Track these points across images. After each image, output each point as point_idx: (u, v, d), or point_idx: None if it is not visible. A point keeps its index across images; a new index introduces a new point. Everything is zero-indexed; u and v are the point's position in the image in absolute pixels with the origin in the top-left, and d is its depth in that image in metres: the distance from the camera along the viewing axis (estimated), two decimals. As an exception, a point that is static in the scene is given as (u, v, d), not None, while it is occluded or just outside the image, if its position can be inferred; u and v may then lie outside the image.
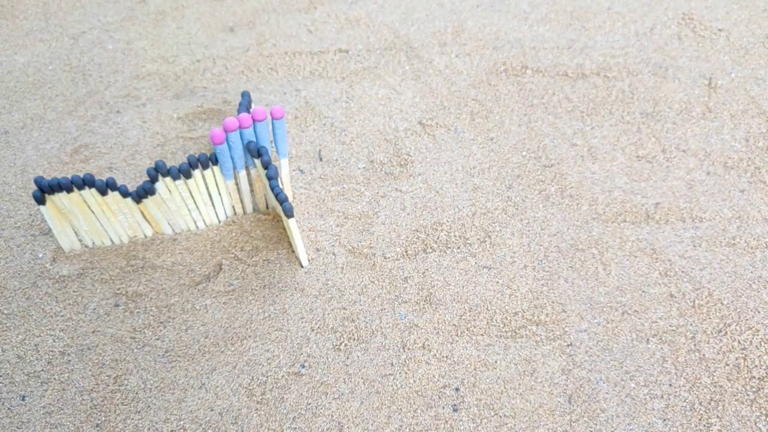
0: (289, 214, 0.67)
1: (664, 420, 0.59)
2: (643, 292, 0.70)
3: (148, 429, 0.60)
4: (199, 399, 0.62)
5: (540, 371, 0.63)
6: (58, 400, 0.63)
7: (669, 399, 0.60)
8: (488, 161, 0.87)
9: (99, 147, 0.92)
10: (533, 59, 1.05)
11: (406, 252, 0.76)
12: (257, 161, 0.73)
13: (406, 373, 0.63)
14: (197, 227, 0.79)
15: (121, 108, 1.00)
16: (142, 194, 0.72)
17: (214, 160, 0.72)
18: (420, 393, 0.62)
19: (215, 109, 0.97)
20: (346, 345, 0.66)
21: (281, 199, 0.67)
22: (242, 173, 0.75)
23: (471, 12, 1.18)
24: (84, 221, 0.74)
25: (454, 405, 0.61)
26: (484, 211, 0.80)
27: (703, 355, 0.64)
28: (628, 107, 0.95)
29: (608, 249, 0.74)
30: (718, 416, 0.59)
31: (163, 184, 0.72)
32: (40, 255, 0.77)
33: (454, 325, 0.68)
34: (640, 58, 1.04)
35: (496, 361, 0.64)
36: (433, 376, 0.63)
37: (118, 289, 0.73)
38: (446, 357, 0.65)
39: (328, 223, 0.79)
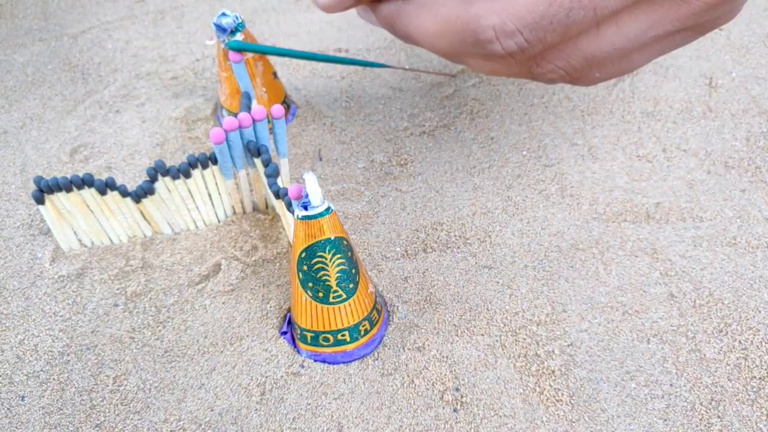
0: None
1: (665, 420, 0.59)
2: (644, 291, 0.70)
3: (148, 429, 0.60)
4: (198, 399, 0.62)
5: (540, 371, 0.63)
6: (57, 400, 0.63)
7: (669, 399, 0.60)
8: (488, 161, 0.87)
9: (98, 146, 0.92)
10: (533, 59, 1.04)
11: (406, 252, 0.76)
12: (257, 160, 0.73)
13: (406, 373, 0.63)
14: (196, 227, 0.79)
15: (121, 107, 1.00)
16: (141, 194, 0.72)
17: (214, 159, 0.72)
18: (420, 393, 0.62)
19: (215, 108, 0.97)
20: (345, 345, 0.66)
21: (282, 194, 0.66)
22: (242, 173, 0.75)
23: (471, 11, 1.18)
24: (83, 221, 0.74)
25: (454, 405, 0.61)
26: (484, 211, 0.80)
27: (704, 355, 0.64)
28: (629, 106, 0.94)
29: (609, 249, 0.74)
30: (718, 416, 0.59)
31: (162, 184, 0.72)
32: (39, 255, 0.77)
33: (454, 325, 0.67)
34: (641, 57, 1.03)
35: (496, 361, 0.64)
36: (433, 376, 0.63)
37: (117, 289, 0.73)
38: (446, 357, 0.64)
39: (327, 222, 0.79)
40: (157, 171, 0.70)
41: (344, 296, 0.61)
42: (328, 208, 0.57)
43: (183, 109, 0.98)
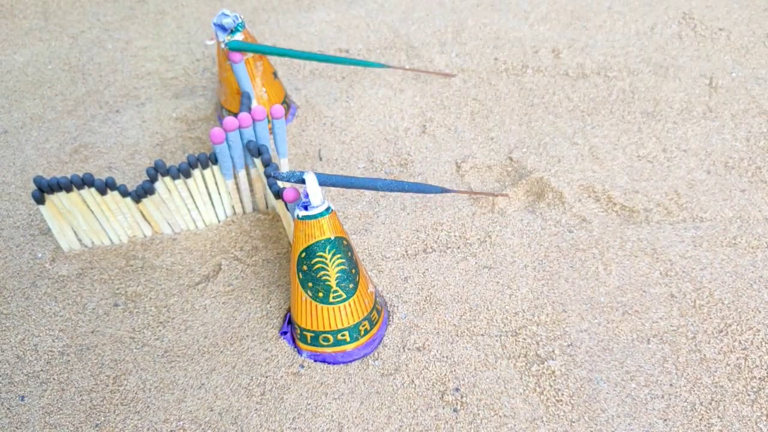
0: None
1: (665, 420, 0.59)
2: (644, 292, 0.70)
3: (148, 429, 0.60)
4: (198, 399, 0.62)
5: (540, 371, 0.63)
6: (57, 400, 0.63)
7: (670, 399, 0.60)
8: (488, 161, 0.87)
9: (98, 146, 0.92)
10: (533, 58, 1.04)
11: (406, 252, 0.76)
12: (257, 160, 0.73)
13: (406, 373, 0.63)
14: (197, 227, 0.79)
15: (121, 107, 1.00)
16: (141, 194, 0.72)
17: (214, 159, 0.72)
18: (420, 393, 0.62)
19: (215, 108, 0.97)
20: (345, 345, 0.66)
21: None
22: (242, 173, 0.75)
23: (471, 11, 1.18)
24: (83, 221, 0.74)
25: (454, 405, 0.61)
26: (485, 211, 0.80)
27: (704, 355, 0.64)
28: (629, 107, 0.94)
29: (609, 249, 0.74)
30: (719, 416, 0.59)
31: (162, 184, 0.72)
32: (40, 255, 0.77)
33: (454, 325, 0.67)
34: (641, 57, 1.03)
35: (496, 361, 0.64)
36: (433, 376, 0.63)
37: (118, 289, 0.73)
38: (446, 357, 0.64)
39: (327, 222, 0.79)
40: (157, 171, 0.70)
41: (344, 296, 0.61)
42: (328, 208, 0.57)
43: (183, 109, 0.98)
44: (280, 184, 0.71)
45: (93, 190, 0.70)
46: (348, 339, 0.63)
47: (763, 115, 0.91)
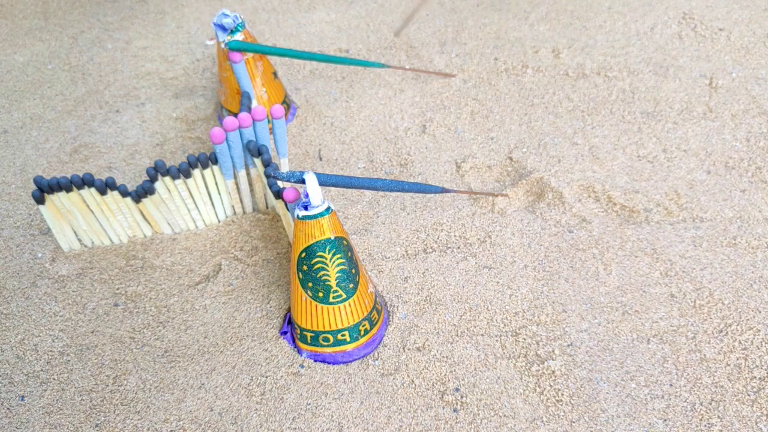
0: None
1: (665, 420, 0.59)
2: (644, 292, 0.70)
3: (148, 429, 0.60)
4: (198, 399, 0.62)
5: (540, 371, 0.63)
6: (57, 400, 0.63)
7: (670, 399, 0.60)
8: (488, 161, 0.87)
9: (98, 146, 0.92)
10: (533, 58, 1.04)
11: (406, 252, 0.76)
12: (257, 160, 0.73)
13: (406, 373, 0.63)
14: (197, 227, 0.79)
15: (121, 107, 1.00)
16: (141, 194, 0.72)
17: (214, 159, 0.72)
18: (420, 393, 0.62)
19: (215, 108, 0.97)
20: (345, 345, 0.66)
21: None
22: (242, 173, 0.75)
23: (471, 11, 1.18)
24: (83, 221, 0.74)
25: (454, 405, 0.61)
26: (485, 211, 0.80)
27: (704, 355, 0.64)
28: (629, 107, 0.94)
29: (609, 249, 0.74)
30: (719, 416, 0.59)
31: (162, 184, 0.72)
32: (40, 255, 0.77)
33: (454, 325, 0.67)
34: (641, 57, 1.03)
35: (496, 361, 0.64)
36: (433, 376, 0.63)
37: (118, 289, 0.73)
38: (446, 357, 0.64)
39: (327, 222, 0.79)
40: (157, 171, 0.70)
41: (344, 296, 0.61)
42: (328, 208, 0.57)
43: (183, 109, 0.98)
44: (280, 184, 0.71)
45: (93, 190, 0.70)
46: (348, 339, 0.63)
47: (763, 115, 0.91)
